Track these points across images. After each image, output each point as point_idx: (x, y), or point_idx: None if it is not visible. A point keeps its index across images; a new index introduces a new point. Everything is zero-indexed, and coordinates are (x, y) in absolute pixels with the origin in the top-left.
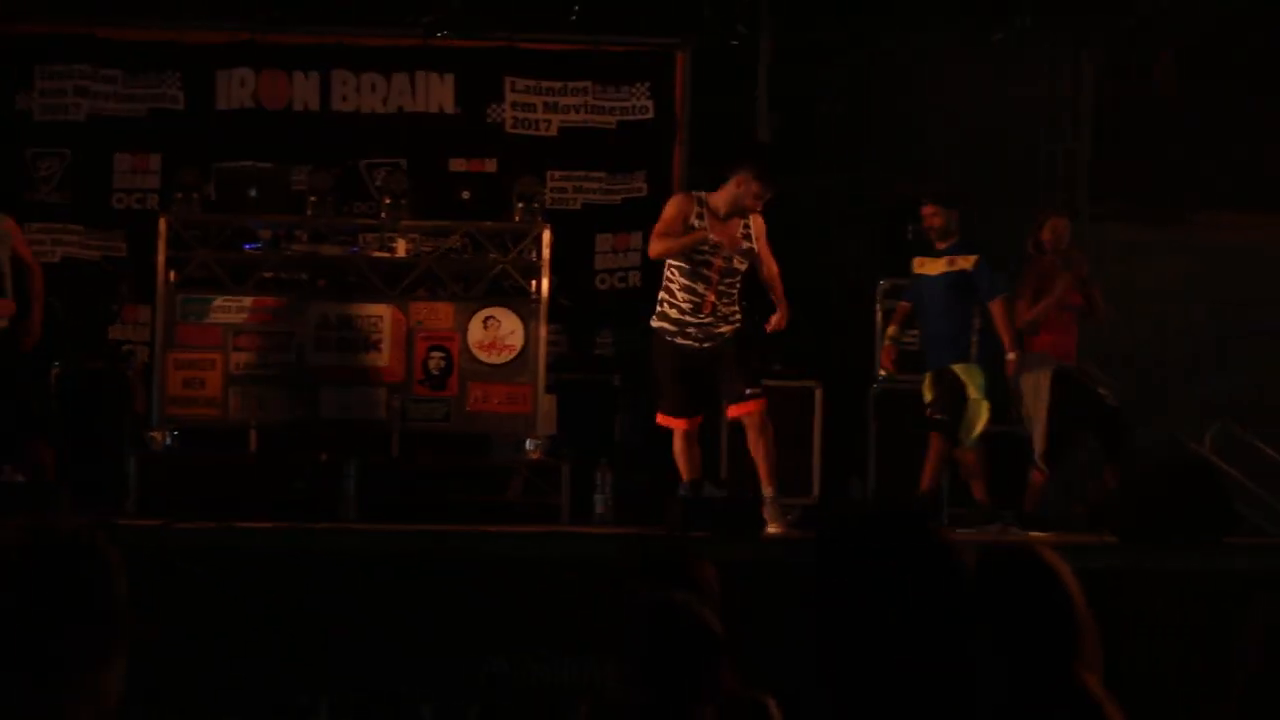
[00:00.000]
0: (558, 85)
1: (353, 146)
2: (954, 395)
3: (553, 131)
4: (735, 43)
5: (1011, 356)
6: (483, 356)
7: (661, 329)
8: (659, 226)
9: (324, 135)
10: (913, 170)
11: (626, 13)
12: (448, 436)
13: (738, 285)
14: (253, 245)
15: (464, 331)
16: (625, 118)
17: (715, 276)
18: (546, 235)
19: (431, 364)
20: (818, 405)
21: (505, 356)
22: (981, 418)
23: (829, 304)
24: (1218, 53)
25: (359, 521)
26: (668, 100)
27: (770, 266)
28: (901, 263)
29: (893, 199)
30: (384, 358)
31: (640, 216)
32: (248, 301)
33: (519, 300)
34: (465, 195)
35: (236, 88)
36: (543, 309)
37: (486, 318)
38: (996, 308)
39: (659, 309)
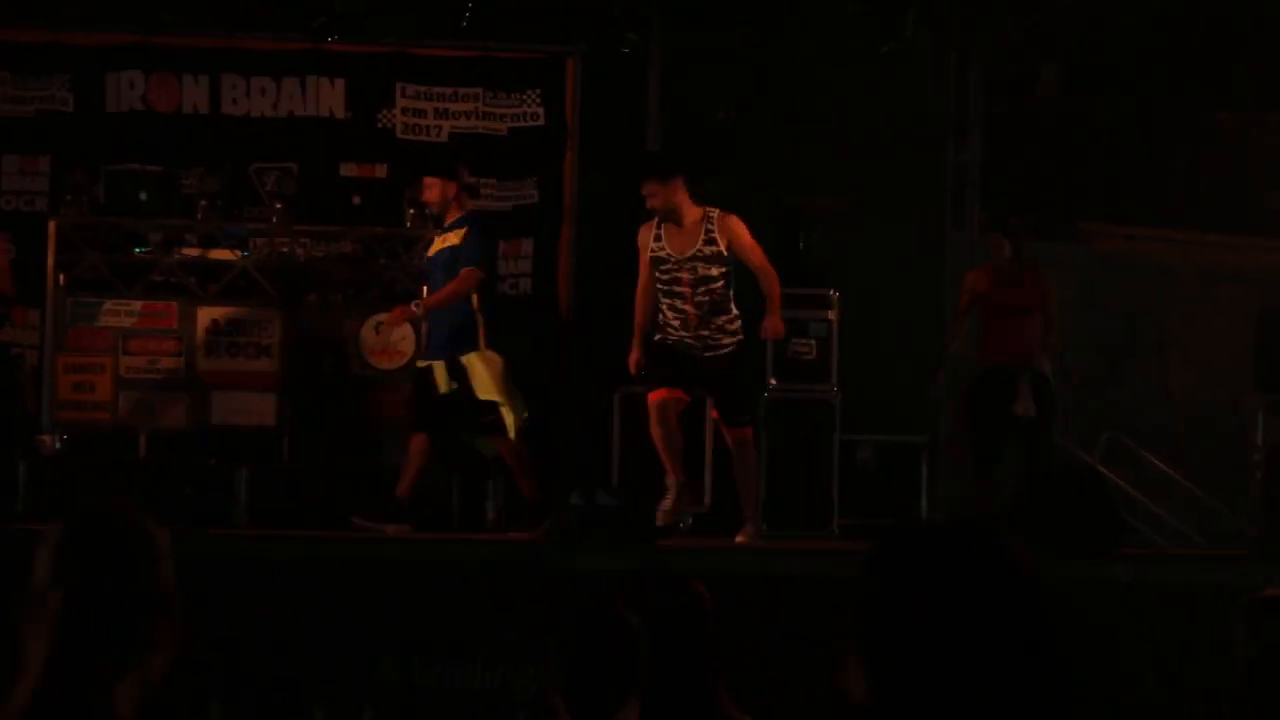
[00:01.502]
0: (449, 91)
1: (243, 150)
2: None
3: (443, 137)
4: (626, 50)
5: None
6: (374, 362)
7: (659, 340)
8: (639, 281)
9: (214, 139)
10: (803, 180)
11: (518, 20)
12: (340, 441)
13: (720, 292)
14: (143, 249)
15: (355, 336)
16: (516, 124)
17: (689, 290)
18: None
19: (323, 369)
20: (708, 414)
21: (397, 362)
22: (522, 408)
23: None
24: (1104, 64)
25: (250, 527)
26: (559, 107)
27: (754, 263)
28: (791, 271)
29: (781, 209)
30: (275, 362)
31: (531, 223)
32: (138, 305)
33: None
34: (356, 200)
35: (126, 90)
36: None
37: (378, 323)
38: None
39: (657, 328)
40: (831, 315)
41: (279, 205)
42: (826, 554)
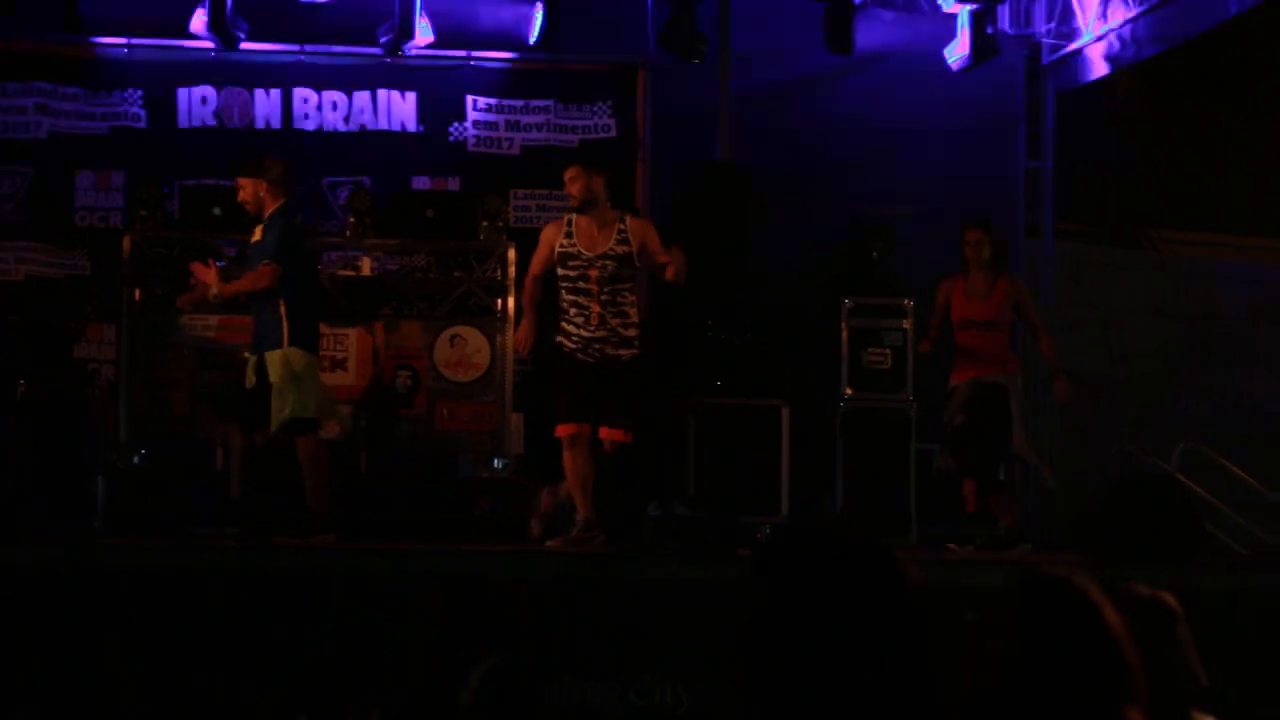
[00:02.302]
0: (519, 103)
1: (315, 164)
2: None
3: (515, 150)
4: (697, 61)
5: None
6: (449, 375)
7: (560, 343)
8: (531, 268)
9: (286, 153)
10: (875, 190)
11: (588, 31)
12: (415, 455)
13: (626, 295)
14: (217, 263)
15: (430, 350)
16: (588, 136)
17: (595, 288)
18: (511, 253)
19: (398, 382)
20: (784, 424)
21: (472, 375)
22: (286, 406)
23: (798, 323)
24: (1178, 72)
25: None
26: (629, 118)
27: (663, 263)
28: (865, 281)
29: (853, 219)
30: (350, 376)
31: None
32: (213, 320)
33: (484, 318)
34: (429, 213)
35: (198, 105)
36: (509, 327)
37: (452, 336)
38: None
39: (558, 326)
40: (906, 324)
41: (352, 219)
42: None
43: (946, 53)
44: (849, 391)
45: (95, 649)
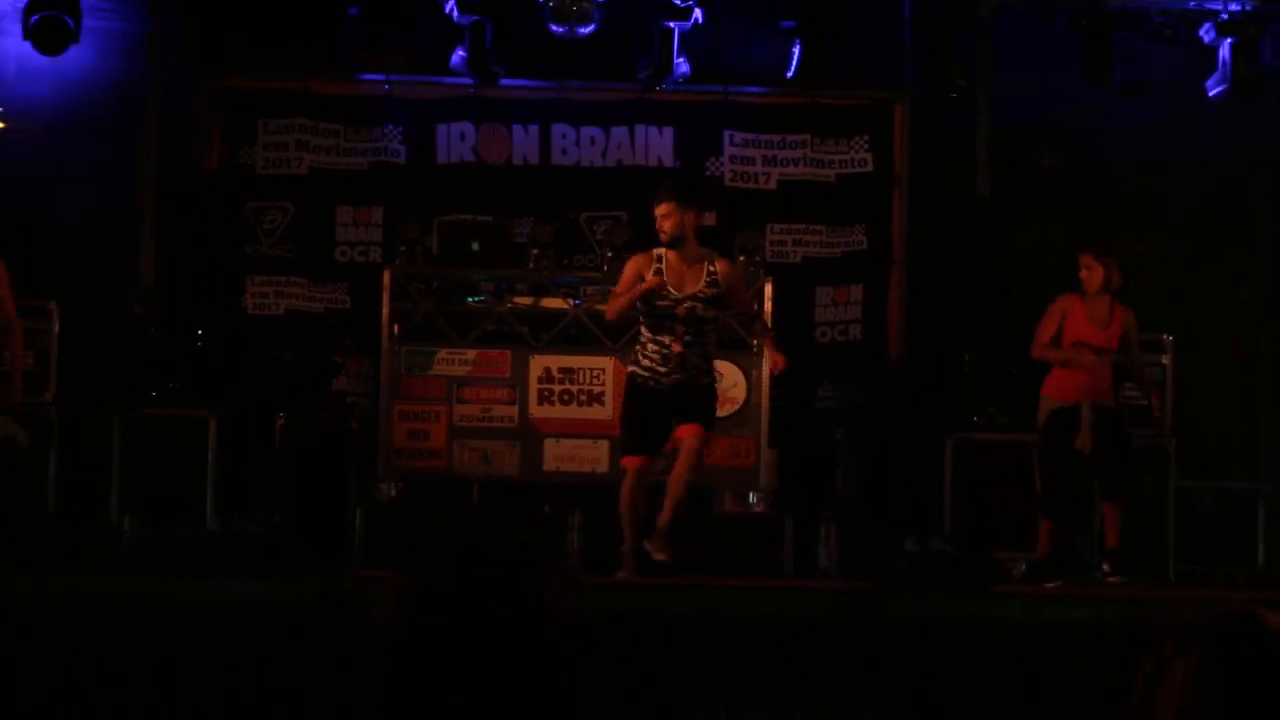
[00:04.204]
0: (776, 138)
1: (573, 199)
2: None
3: (771, 185)
4: (954, 95)
5: None
6: None
7: (634, 373)
8: (616, 287)
9: (544, 188)
10: (1128, 224)
11: (846, 65)
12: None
13: (708, 337)
14: (475, 298)
15: None
16: (845, 170)
17: (680, 327)
18: (768, 288)
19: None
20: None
21: (728, 410)
22: None
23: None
24: None
25: (583, 574)
26: (886, 153)
27: (746, 309)
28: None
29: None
30: (607, 410)
31: (860, 269)
32: (471, 354)
33: (740, 353)
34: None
35: (457, 141)
36: (765, 363)
37: None
38: None
39: (635, 359)
40: (1165, 360)
41: (609, 254)
42: (1164, 603)
43: (1208, 85)
44: None
45: (346, 680)
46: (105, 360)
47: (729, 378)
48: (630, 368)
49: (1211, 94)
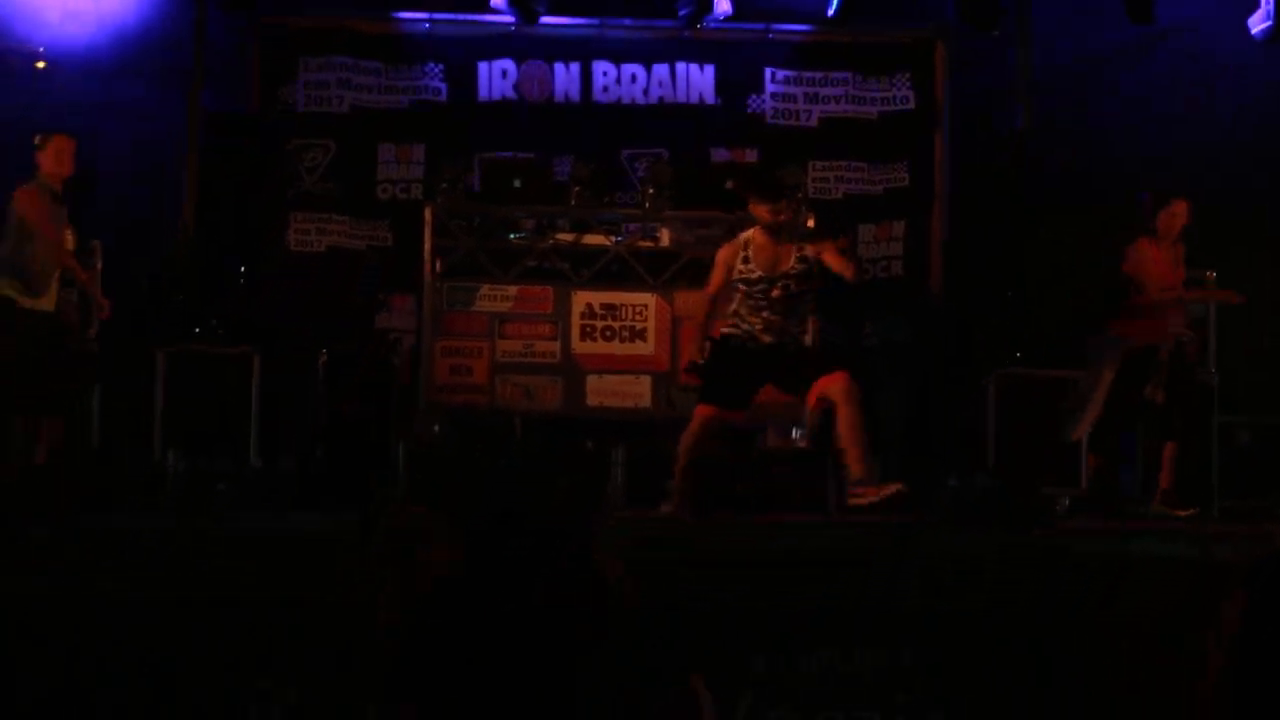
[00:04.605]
0: (818, 75)
1: (614, 137)
2: None
3: (813, 122)
4: (996, 32)
5: None
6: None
7: (728, 333)
8: (707, 288)
9: (585, 126)
10: (1173, 165)
11: (887, 2)
12: None
13: (805, 305)
14: (517, 235)
15: None
16: (886, 108)
17: (780, 306)
18: (810, 223)
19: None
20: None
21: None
22: None
23: (1094, 295)
24: None
25: (626, 508)
26: (928, 90)
27: (845, 272)
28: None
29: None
30: (649, 346)
31: (902, 206)
32: (513, 290)
33: None
34: (729, 185)
35: (498, 79)
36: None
37: None
38: None
39: (729, 323)
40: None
41: (650, 190)
42: (1207, 538)
43: (1250, 23)
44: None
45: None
46: (148, 298)
47: None
48: (724, 329)
49: (1254, 32)
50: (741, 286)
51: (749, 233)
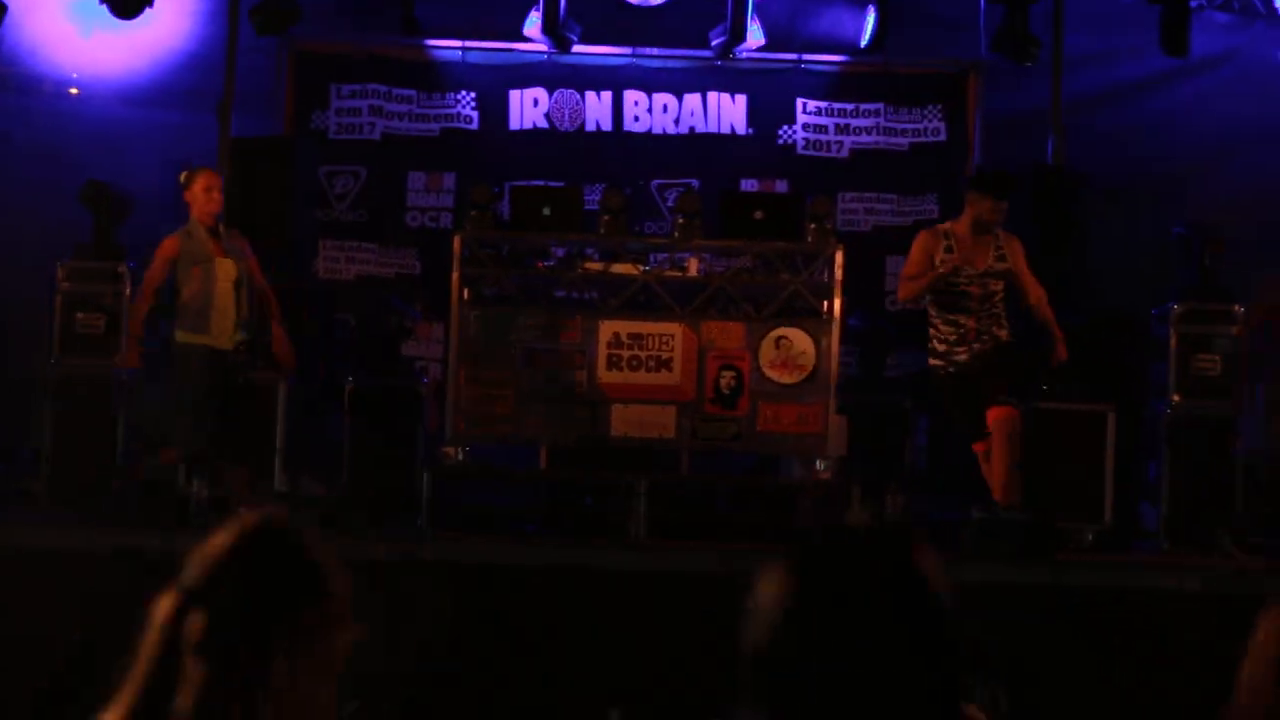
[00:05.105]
0: (850, 107)
1: (645, 166)
2: None
3: (844, 154)
4: (1030, 64)
5: None
6: (774, 376)
7: (935, 367)
8: (905, 269)
9: (616, 155)
10: (1208, 196)
11: (919, 34)
12: (738, 456)
13: (999, 307)
14: (545, 263)
15: (755, 351)
16: (917, 140)
17: (974, 305)
18: (839, 256)
19: (722, 383)
20: (1110, 429)
21: (797, 376)
22: None
23: (1125, 328)
24: None
25: (648, 539)
26: (960, 122)
27: (1032, 292)
28: (1195, 287)
29: (1192, 224)
30: (675, 376)
31: None
32: (540, 319)
33: (811, 320)
34: (758, 215)
35: (529, 107)
36: (834, 330)
37: (778, 338)
38: None
39: (930, 346)
40: (1236, 330)
41: (680, 220)
42: (1226, 573)
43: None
44: (1176, 398)
45: (417, 641)
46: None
47: (798, 345)
48: (932, 362)
49: None
50: (936, 285)
51: (949, 224)
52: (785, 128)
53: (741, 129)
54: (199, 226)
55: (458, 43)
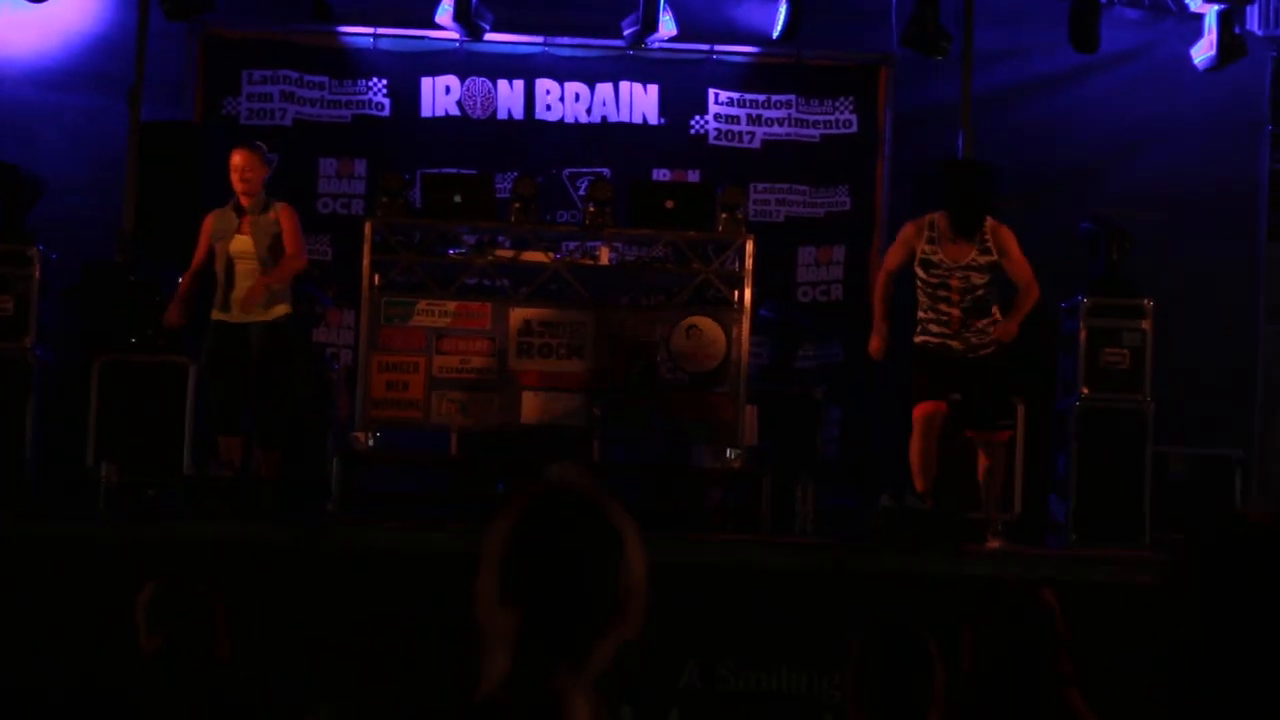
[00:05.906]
0: (761, 98)
1: (556, 155)
2: None
3: (756, 144)
4: (940, 58)
5: None
6: (685, 365)
7: (923, 342)
8: (885, 259)
9: (528, 144)
10: (1116, 191)
11: (831, 26)
12: (649, 444)
13: (985, 298)
14: (457, 250)
15: (666, 340)
16: (829, 131)
17: (956, 296)
18: (750, 245)
19: (634, 371)
20: (1019, 422)
21: (708, 366)
22: None
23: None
24: None
25: None
26: (871, 114)
27: (1020, 275)
28: (1104, 281)
29: (1100, 218)
30: (586, 364)
31: (843, 230)
32: (451, 306)
33: (722, 310)
34: (669, 205)
35: (441, 95)
36: (745, 319)
37: (689, 327)
38: None
39: (919, 328)
40: (1145, 325)
41: (591, 209)
42: (1137, 564)
43: (1193, 53)
44: (1085, 391)
45: (321, 624)
46: (84, 307)
47: (709, 334)
48: (918, 338)
49: (1196, 62)
50: (920, 271)
51: (935, 215)
52: (697, 118)
53: (653, 119)
54: (231, 204)
55: (369, 29)
